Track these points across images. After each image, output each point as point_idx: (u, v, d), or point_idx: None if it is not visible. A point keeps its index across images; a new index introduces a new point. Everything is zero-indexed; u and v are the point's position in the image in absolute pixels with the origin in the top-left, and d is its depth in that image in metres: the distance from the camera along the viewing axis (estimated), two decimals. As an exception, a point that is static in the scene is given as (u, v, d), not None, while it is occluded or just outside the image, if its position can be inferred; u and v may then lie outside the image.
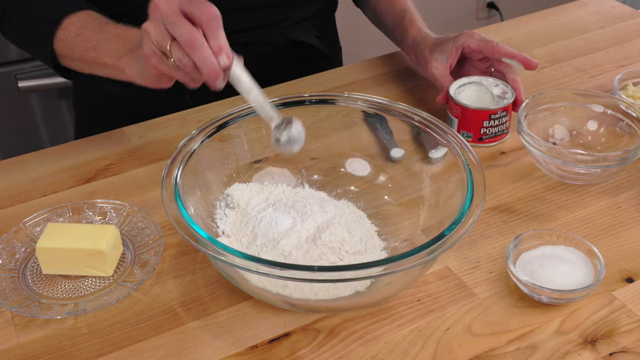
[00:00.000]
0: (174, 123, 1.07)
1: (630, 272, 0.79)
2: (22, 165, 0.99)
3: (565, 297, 0.74)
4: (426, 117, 0.84)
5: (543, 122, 0.97)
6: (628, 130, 0.94)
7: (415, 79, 1.16)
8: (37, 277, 0.80)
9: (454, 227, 0.69)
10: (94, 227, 0.80)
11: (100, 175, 0.96)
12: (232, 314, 0.76)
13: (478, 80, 1.01)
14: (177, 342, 0.73)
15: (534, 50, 1.23)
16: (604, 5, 1.37)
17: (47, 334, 0.74)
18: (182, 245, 0.83)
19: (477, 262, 0.81)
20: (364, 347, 0.72)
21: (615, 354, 0.70)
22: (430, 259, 0.67)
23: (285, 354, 0.71)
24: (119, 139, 1.04)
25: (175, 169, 0.77)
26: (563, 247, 0.78)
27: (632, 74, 1.05)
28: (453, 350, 0.71)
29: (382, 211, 0.85)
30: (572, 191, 0.91)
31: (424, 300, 0.76)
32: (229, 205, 0.83)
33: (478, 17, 2.54)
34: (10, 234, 0.83)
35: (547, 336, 0.72)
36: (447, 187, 0.80)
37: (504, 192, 0.91)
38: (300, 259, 0.75)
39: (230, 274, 0.73)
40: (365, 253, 0.78)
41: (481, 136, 0.98)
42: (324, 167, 0.90)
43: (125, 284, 0.78)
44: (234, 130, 0.85)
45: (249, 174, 0.87)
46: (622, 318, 0.74)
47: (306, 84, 1.14)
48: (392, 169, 0.88)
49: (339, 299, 0.73)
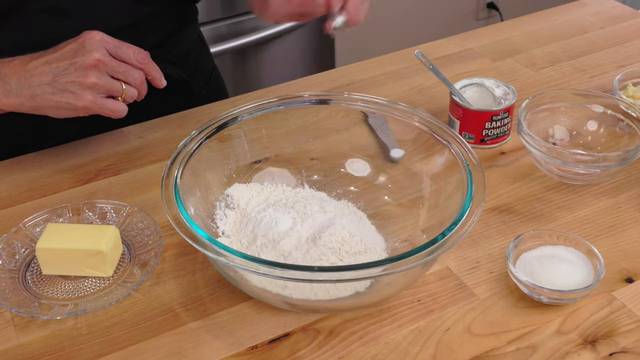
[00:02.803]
0: (174, 123, 1.07)
1: (630, 272, 0.79)
2: (22, 165, 0.99)
3: (565, 298, 0.74)
4: (426, 118, 0.84)
5: (543, 122, 0.97)
6: (628, 131, 0.94)
7: (415, 79, 1.16)
8: (37, 277, 0.80)
9: (454, 228, 0.69)
10: (94, 228, 0.80)
11: (100, 175, 0.96)
12: (232, 314, 0.76)
13: (479, 82, 1.01)
14: (177, 343, 0.73)
15: (533, 50, 1.23)
16: (604, 6, 1.37)
17: (47, 334, 0.74)
18: (182, 245, 0.83)
19: (477, 263, 0.81)
20: (364, 348, 0.72)
21: (615, 354, 0.70)
22: (430, 259, 0.67)
23: (285, 354, 0.71)
24: (119, 139, 1.04)
25: (175, 170, 0.77)
26: (563, 247, 0.78)
27: (632, 74, 1.05)
28: (453, 351, 0.71)
29: (382, 211, 0.85)
30: (572, 191, 0.91)
31: (424, 301, 0.76)
32: (228, 206, 0.83)
33: (478, 17, 2.54)
34: (10, 235, 0.83)
35: (547, 336, 0.72)
36: (447, 187, 0.80)
37: (504, 193, 0.91)
38: (300, 260, 0.75)
39: (230, 274, 0.73)
40: (365, 253, 0.77)
41: (483, 137, 0.98)
42: (324, 167, 0.90)
43: (125, 285, 0.78)
44: (234, 130, 0.85)
45: (249, 174, 0.87)
46: (622, 318, 0.74)
47: (306, 84, 1.14)
48: (392, 169, 0.88)
49: (339, 300, 0.73)
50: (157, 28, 1.07)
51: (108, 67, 0.86)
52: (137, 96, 0.90)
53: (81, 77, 0.84)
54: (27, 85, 0.85)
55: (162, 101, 1.06)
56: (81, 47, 0.85)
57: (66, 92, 0.85)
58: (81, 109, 0.86)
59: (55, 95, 0.85)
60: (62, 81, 0.85)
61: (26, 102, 0.86)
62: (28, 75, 0.86)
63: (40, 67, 0.86)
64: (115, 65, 0.86)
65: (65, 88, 0.85)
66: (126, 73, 0.87)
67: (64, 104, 0.86)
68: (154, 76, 0.91)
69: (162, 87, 0.93)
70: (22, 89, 0.86)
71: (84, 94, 0.85)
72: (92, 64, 0.84)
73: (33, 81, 0.85)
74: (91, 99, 0.85)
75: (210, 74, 1.24)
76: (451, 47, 1.26)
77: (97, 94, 0.86)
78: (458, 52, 1.24)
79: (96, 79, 0.85)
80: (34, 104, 0.86)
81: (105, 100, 0.87)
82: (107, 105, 0.87)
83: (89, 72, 0.85)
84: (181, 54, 1.14)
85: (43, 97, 0.85)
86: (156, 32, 1.07)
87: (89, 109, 0.86)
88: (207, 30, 1.82)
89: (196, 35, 1.20)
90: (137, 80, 0.88)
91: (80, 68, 0.84)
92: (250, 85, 1.98)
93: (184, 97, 1.14)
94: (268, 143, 0.89)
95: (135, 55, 0.88)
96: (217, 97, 1.20)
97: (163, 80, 0.92)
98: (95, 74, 0.85)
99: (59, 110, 0.87)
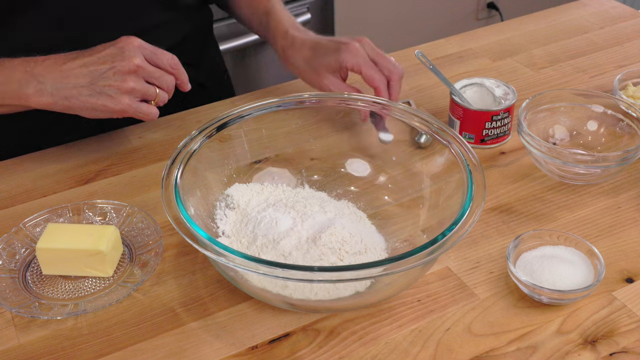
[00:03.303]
0: (174, 123, 1.07)
1: (630, 272, 0.79)
2: (22, 165, 0.99)
3: (565, 298, 0.74)
4: (426, 118, 0.84)
5: (543, 122, 0.97)
6: (628, 130, 0.94)
7: (415, 79, 1.16)
8: (37, 277, 0.80)
9: (454, 228, 0.69)
10: (94, 228, 0.80)
11: (100, 175, 0.96)
12: (232, 314, 0.76)
13: (479, 82, 1.01)
14: (177, 343, 0.73)
15: (533, 50, 1.23)
16: (604, 6, 1.37)
17: (47, 334, 0.74)
18: (182, 245, 0.83)
19: (477, 263, 0.81)
20: (364, 348, 0.72)
21: (616, 354, 0.70)
22: (431, 259, 0.67)
23: (285, 354, 0.71)
24: (119, 139, 1.04)
25: (175, 170, 0.77)
26: (563, 247, 0.78)
27: (632, 74, 1.05)
28: (453, 351, 0.71)
29: (382, 211, 0.85)
30: (572, 191, 0.91)
31: (424, 301, 0.76)
32: (229, 206, 0.83)
33: (478, 17, 2.54)
34: (11, 235, 0.83)
35: (547, 336, 0.72)
36: (447, 187, 0.80)
37: (504, 193, 0.91)
38: (301, 260, 0.75)
39: (230, 274, 0.73)
40: (365, 253, 0.77)
41: (483, 137, 0.98)
42: (324, 167, 0.90)
43: (125, 285, 0.78)
44: (234, 130, 0.85)
45: (249, 174, 0.87)
46: (622, 318, 0.74)
47: (306, 84, 1.14)
48: (392, 169, 0.88)
49: (339, 300, 0.73)
50: (174, 32, 1.09)
51: (145, 72, 0.88)
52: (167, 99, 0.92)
53: (120, 82, 0.86)
54: (62, 86, 0.87)
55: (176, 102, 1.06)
56: (120, 52, 0.87)
57: (103, 96, 0.87)
58: (117, 112, 0.88)
59: (92, 97, 0.87)
60: (100, 84, 0.86)
61: (60, 102, 0.87)
62: (64, 76, 0.87)
63: (77, 69, 0.87)
64: (152, 71, 0.88)
65: (103, 91, 0.86)
66: (160, 79, 0.89)
67: (100, 106, 0.87)
68: (182, 80, 0.93)
69: (188, 90, 0.95)
70: (57, 89, 0.87)
71: (121, 98, 0.87)
72: (132, 70, 0.86)
73: (69, 82, 0.87)
74: (128, 103, 0.87)
75: (222, 77, 1.26)
76: (451, 47, 1.26)
77: (133, 98, 0.88)
78: (458, 52, 1.24)
79: (134, 84, 0.87)
80: (68, 104, 0.88)
81: (140, 105, 0.89)
82: (141, 109, 0.89)
83: (127, 77, 0.86)
84: (196, 56, 1.15)
85: (79, 98, 0.87)
86: (172, 36, 1.08)
87: (125, 112, 0.88)
88: (207, 30, 1.82)
89: (211, 38, 1.22)
90: (169, 85, 0.91)
91: (119, 72, 0.86)
92: (250, 85, 1.98)
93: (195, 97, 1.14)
94: (268, 143, 0.89)
95: (169, 61, 0.90)
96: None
97: (189, 85, 0.94)
98: (133, 79, 0.87)
99: (93, 112, 0.89)
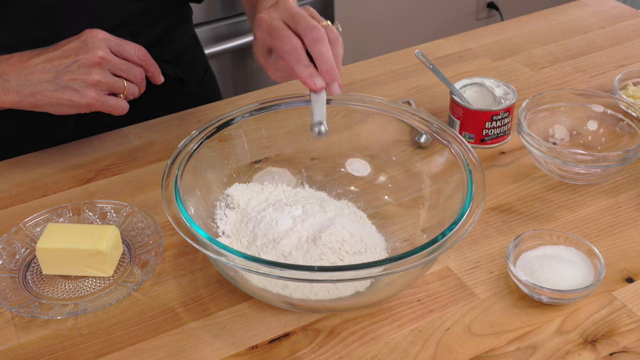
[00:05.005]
0: (174, 123, 1.07)
1: (630, 272, 0.79)
2: (22, 165, 0.99)
3: (565, 297, 0.74)
4: (426, 118, 0.84)
5: (543, 122, 0.97)
6: (628, 130, 0.94)
7: (415, 79, 1.16)
8: (37, 277, 0.80)
9: (454, 227, 0.69)
10: (94, 228, 0.80)
11: (100, 175, 0.96)
12: (232, 314, 0.76)
13: (479, 82, 1.01)
14: (177, 343, 0.73)
15: (533, 50, 1.23)
16: (604, 6, 1.37)
17: (47, 334, 0.74)
18: (182, 245, 0.83)
19: (477, 262, 0.81)
20: (364, 348, 0.72)
21: (616, 354, 0.70)
22: (430, 259, 0.67)
23: (285, 354, 0.71)
24: (119, 139, 1.04)
25: (175, 169, 0.77)
26: (563, 247, 0.78)
27: (632, 74, 1.05)
28: (453, 351, 0.71)
29: (382, 211, 0.85)
30: (572, 191, 0.91)
31: (424, 301, 0.76)
32: (229, 206, 0.83)
33: (478, 17, 2.54)
34: (11, 235, 0.83)
35: (547, 336, 0.72)
36: (447, 187, 0.80)
37: (504, 192, 0.91)
38: (301, 259, 0.75)
39: (230, 274, 0.73)
40: (365, 253, 0.77)
41: (483, 137, 0.98)
42: (324, 167, 0.90)
43: (125, 285, 0.78)
44: (234, 130, 0.85)
45: (249, 174, 0.87)
46: (622, 318, 0.74)
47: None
48: (392, 169, 0.88)
49: (339, 299, 0.73)
50: (152, 26, 1.07)
51: (111, 64, 0.86)
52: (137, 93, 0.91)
53: (84, 75, 0.85)
54: (27, 83, 0.86)
55: (156, 99, 1.06)
56: (84, 45, 0.86)
57: (69, 90, 0.85)
58: (84, 106, 0.87)
59: (58, 92, 0.85)
60: (64, 79, 0.85)
61: (26, 99, 0.86)
62: (28, 72, 0.86)
63: (41, 65, 0.86)
64: (118, 63, 0.87)
65: (67, 85, 0.85)
66: (128, 70, 0.88)
67: (66, 101, 0.86)
68: (153, 72, 0.92)
69: (160, 83, 0.94)
70: (22, 86, 0.86)
71: (86, 92, 0.85)
72: (96, 62, 0.85)
73: (34, 78, 0.86)
74: (94, 96, 0.86)
75: (204, 74, 1.24)
76: (451, 47, 1.26)
77: (99, 91, 0.86)
78: (458, 52, 1.24)
79: (99, 76, 0.85)
80: (34, 101, 0.87)
81: (108, 98, 0.87)
82: (109, 102, 0.87)
83: (92, 69, 0.85)
84: (175, 52, 1.14)
85: (44, 94, 0.86)
86: (151, 30, 1.07)
87: (92, 106, 0.87)
88: (207, 30, 1.82)
89: (190, 35, 1.20)
90: (138, 77, 0.90)
91: (83, 65, 0.85)
92: (250, 85, 1.98)
93: (178, 95, 1.14)
94: (268, 143, 0.89)
95: (136, 53, 0.89)
96: (211, 98, 1.20)
97: (161, 77, 0.94)
98: (98, 72, 0.85)
99: (60, 107, 0.87)
